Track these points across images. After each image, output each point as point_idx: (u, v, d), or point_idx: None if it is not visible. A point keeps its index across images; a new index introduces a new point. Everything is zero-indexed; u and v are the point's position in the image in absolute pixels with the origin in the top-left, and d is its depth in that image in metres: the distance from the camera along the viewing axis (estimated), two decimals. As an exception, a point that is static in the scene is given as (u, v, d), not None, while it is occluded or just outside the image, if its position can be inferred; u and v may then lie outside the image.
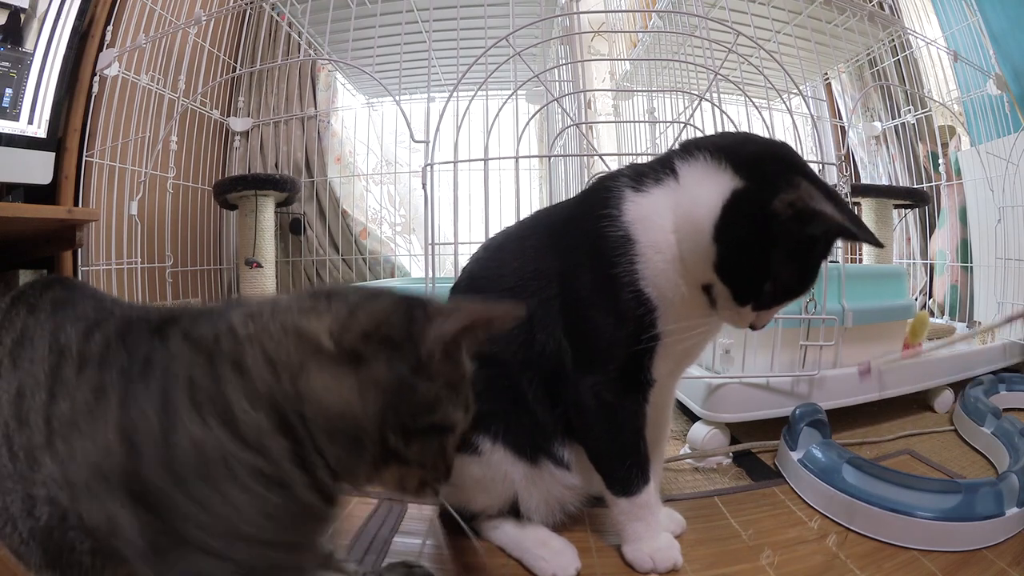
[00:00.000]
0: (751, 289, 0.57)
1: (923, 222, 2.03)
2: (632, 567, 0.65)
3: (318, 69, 2.37)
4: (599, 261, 0.61)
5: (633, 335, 0.61)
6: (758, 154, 0.57)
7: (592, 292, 0.62)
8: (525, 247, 0.69)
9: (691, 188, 0.58)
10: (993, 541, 0.68)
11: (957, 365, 1.27)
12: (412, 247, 2.45)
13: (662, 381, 0.65)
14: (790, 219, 0.54)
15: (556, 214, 0.71)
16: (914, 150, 2.04)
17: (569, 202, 0.73)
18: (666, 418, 0.74)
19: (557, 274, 0.65)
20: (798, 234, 0.54)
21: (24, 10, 1.39)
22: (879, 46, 1.83)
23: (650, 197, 0.61)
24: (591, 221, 0.62)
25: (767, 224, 0.54)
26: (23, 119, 1.41)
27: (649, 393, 0.65)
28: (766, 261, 0.55)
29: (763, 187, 0.55)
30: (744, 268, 0.57)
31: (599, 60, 2.16)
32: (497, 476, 0.67)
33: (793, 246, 0.55)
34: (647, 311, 0.60)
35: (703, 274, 0.58)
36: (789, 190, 0.53)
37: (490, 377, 0.67)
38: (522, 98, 1.74)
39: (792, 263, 0.56)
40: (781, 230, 0.54)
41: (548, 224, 0.70)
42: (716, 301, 0.59)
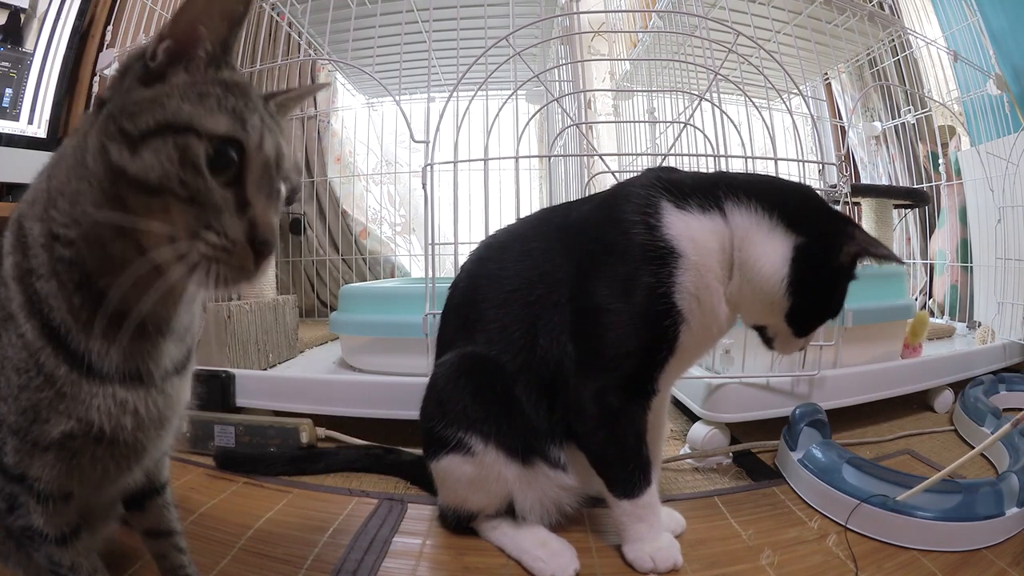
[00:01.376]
0: (810, 325, 0.65)
1: (923, 222, 2.03)
2: (632, 567, 0.65)
3: (318, 69, 2.37)
4: (629, 268, 0.61)
5: (652, 343, 0.62)
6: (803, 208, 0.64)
7: (613, 297, 0.61)
8: (531, 248, 0.69)
9: (750, 239, 0.62)
10: (993, 541, 0.68)
11: (957, 365, 1.27)
12: (412, 247, 2.45)
13: (663, 387, 0.66)
14: (849, 263, 0.63)
15: (568, 216, 0.71)
16: (914, 150, 2.04)
17: (582, 204, 0.72)
18: (663, 419, 0.75)
19: (568, 277, 0.65)
20: (852, 272, 0.64)
21: (24, 10, 1.39)
22: (879, 46, 1.83)
23: (698, 220, 0.62)
24: (621, 226, 0.62)
25: (832, 273, 0.63)
26: (23, 119, 1.41)
27: (652, 401, 0.65)
28: (825, 308, 0.65)
29: (826, 243, 0.63)
30: (809, 310, 0.64)
31: (599, 60, 2.16)
32: (490, 476, 0.67)
33: (845, 281, 0.65)
34: (674, 323, 0.61)
35: (763, 318, 0.65)
36: (850, 242, 0.62)
37: (482, 380, 0.67)
38: (522, 98, 1.74)
39: (841, 294, 0.65)
40: (841, 274, 0.64)
41: (559, 226, 0.70)
42: (772, 339, 0.67)
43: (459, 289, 0.75)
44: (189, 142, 0.33)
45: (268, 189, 0.37)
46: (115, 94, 0.36)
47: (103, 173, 0.34)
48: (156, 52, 0.35)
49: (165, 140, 0.33)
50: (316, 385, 1.10)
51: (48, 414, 0.37)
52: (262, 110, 0.37)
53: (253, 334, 1.31)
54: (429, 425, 0.69)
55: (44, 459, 0.38)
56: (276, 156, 0.37)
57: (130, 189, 0.34)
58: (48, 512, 0.40)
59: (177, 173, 0.33)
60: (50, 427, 0.37)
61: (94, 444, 0.39)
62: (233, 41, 0.37)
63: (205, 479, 0.90)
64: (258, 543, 0.70)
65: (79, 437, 0.38)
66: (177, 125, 0.34)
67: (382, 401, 1.04)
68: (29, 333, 0.36)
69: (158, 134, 0.33)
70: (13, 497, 0.40)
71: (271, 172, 0.37)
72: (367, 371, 1.25)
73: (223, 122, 0.34)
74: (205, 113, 0.34)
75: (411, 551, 0.70)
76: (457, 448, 0.67)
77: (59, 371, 0.37)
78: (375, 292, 1.43)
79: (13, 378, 0.37)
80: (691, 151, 1.22)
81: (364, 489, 0.87)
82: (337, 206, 2.35)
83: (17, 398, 0.37)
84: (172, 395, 0.41)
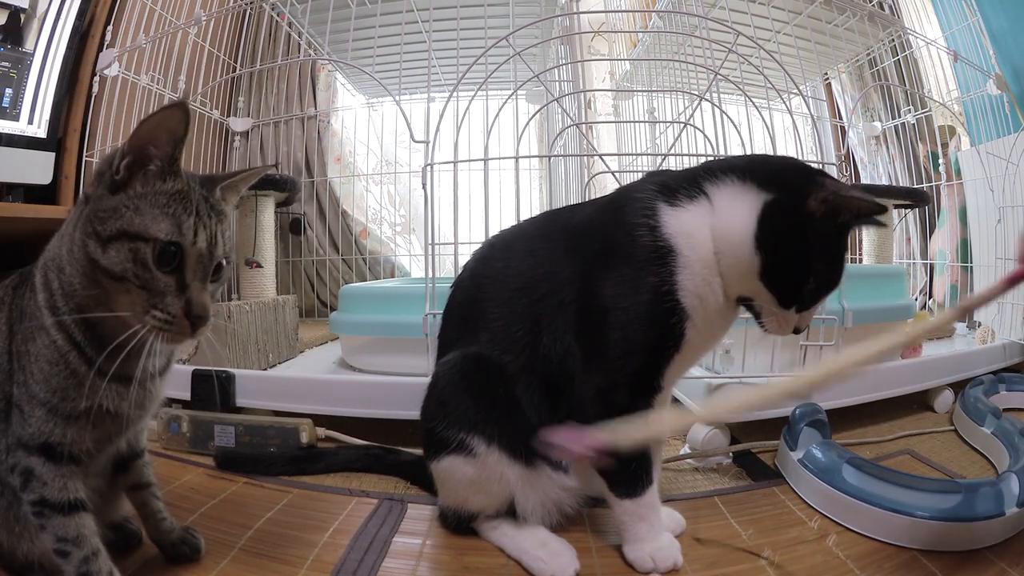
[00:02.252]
0: (795, 290, 0.61)
1: (923, 222, 2.03)
2: (633, 567, 0.65)
3: (318, 69, 2.37)
4: (633, 268, 0.62)
5: (658, 342, 0.62)
6: (777, 168, 0.63)
7: (618, 298, 0.62)
8: (535, 248, 0.69)
9: (725, 208, 0.62)
10: (993, 541, 0.68)
11: (957, 365, 1.27)
12: (412, 247, 2.45)
13: (667, 384, 0.66)
14: (824, 215, 0.59)
15: (572, 217, 0.71)
16: (914, 150, 2.04)
17: (587, 206, 0.72)
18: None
19: (573, 278, 0.65)
20: (831, 227, 0.59)
21: (24, 10, 1.39)
22: (879, 46, 1.83)
23: (688, 213, 0.63)
24: (624, 229, 0.63)
25: (803, 226, 0.59)
26: (23, 119, 1.41)
27: (655, 399, 0.65)
28: (806, 260, 0.60)
29: (792, 193, 0.60)
30: (787, 271, 0.60)
31: (599, 60, 2.16)
32: (492, 477, 0.67)
33: (827, 240, 0.60)
34: (679, 320, 0.61)
35: (745, 286, 0.62)
36: (818, 190, 0.59)
37: (485, 381, 0.67)
38: (522, 98, 1.74)
39: (827, 257, 0.60)
40: (816, 228, 0.59)
41: (564, 227, 0.70)
42: (760, 311, 0.63)
43: (462, 287, 0.75)
44: (139, 246, 0.46)
45: (202, 273, 0.48)
46: (92, 195, 0.48)
47: (84, 261, 0.47)
48: (119, 167, 0.47)
49: (123, 244, 0.46)
50: (316, 385, 1.10)
51: (74, 394, 0.49)
52: (200, 208, 0.49)
53: (253, 334, 1.31)
54: (430, 425, 0.69)
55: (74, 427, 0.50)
56: (208, 247, 0.48)
57: (102, 275, 0.46)
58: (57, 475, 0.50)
59: (132, 268, 0.46)
60: (76, 403, 0.50)
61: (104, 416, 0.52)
62: (178, 154, 0.48)
63: (205, 479, 0.90)
64: (258, 543, 0.70)
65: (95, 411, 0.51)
66: (131, 233, 0.46)
67: (382, 401, 1.04)
68: (59, 341, 0.49)
69: (119, 238, 0.46)
70: (29, 471, 0.49)
71: (203, 260, 0.48)
72: (367, 371, 1.25)
73: (164, 228, 0.46)
74: (151, 223, 0.46)
75: (411, 551, 0.70)
76: (459, 449, 0.67)
77: (81, 368, 0.50)
78: (375, 292, 1.43)
79: (45, 367, 0.49)
80: (691, 151, 1.22)
81: (364, 489, 0.87)
82: (337, 206, 2.35)
83: (48, 381, 0.49)
84: (152, 390, 0.55)
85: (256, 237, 1.83)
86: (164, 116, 0.46)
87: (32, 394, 0.49)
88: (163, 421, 1.03)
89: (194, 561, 0.64)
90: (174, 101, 0.46)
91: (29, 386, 0.50)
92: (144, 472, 0.63)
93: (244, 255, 1.85)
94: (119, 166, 0.47)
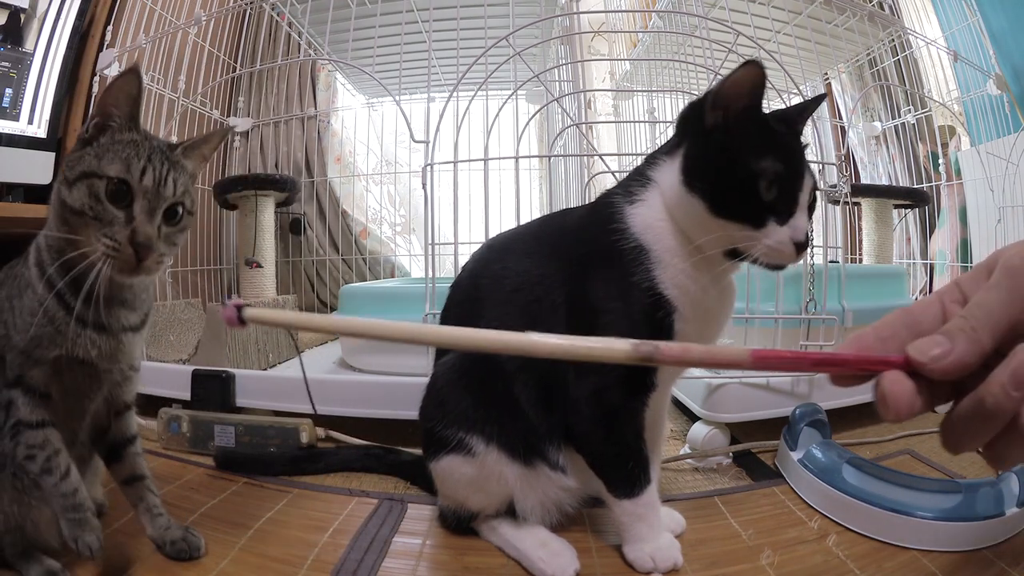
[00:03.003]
0: (753, 203, 0.57)
1: (923, 222, 2.03)
2: (633, 567, 0.65)
3: (318, 69, 2.37)
4: (615, 272, 0.62)
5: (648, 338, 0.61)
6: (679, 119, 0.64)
7: (607, 299, 0.62)
8: (532, 251, 0.70)
9: (665, 181, 0.63)
10: (993, 541, 0.68)
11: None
12: (412, 247, 2.45)
13: (663, 385, 0.66)
14: (730, 122, 0.58)
15: (563, 224, 0.72)
16: (914, 150, 2.04)
17: (575, 213, 0.73)
18: (663, 418, 0.75)
19: (563, 281, 0.66)
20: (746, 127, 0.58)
21: (24, 10, 1.39)
22: (879, 46, 1.83)
23: (645, 205, 0.64)
24: (602, 235, 0.64)
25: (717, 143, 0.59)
26: (23, 119, 1.41)
27: (650, 397, 0.65)
28: (745, 171, 0.57)
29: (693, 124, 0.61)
30: (731, 190, 0.58)
31: (599, 60, 2.16)
32: (491, 476, 0.67)
33: (744, 138, 0.58)
34: (666, 313, 0.61)
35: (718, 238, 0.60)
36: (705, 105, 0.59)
37: (483, 380, 0.67)
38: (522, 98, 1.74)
39: (759, 151, 0.57)
40: (728, 135, 0.58)
41: (556, 230, 0.71)
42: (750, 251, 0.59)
43: (461, 288, 0.75)
44: (94, 182, 0.54)
45: (148, 209, 0.55)
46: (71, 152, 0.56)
47: (58, 205, 0.55)
48: (89, 127, 0.56)
49: (83, 182, 0.54)
50: (316, 385, 1.10)
51: (47, 343, 0.56)
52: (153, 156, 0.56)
53: (253, 334, 1.31)
54: (429, 425, 0.69)
55: (40, 369, 0.57)
56: (155, 186, 0.55)
57: (68, 212, 0.54)
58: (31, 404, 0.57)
59: (89, 202, 0.53)
60: (47, 352, 0.56)
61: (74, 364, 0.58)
62: (136, 112, 0.57)
63: (205, 479, 0.90)
64: (258, 543, 0.70)
65: (64, 359, 0.57)
66: (89, 172, 0.54)
67: (382, 401, 1.04)
68: (41, 290, 0.56)
69: (81, 179, 0.54)
70: (10, 402, 0.57)
71: (149, 197, 0.55)
72: (367, 371, 1.25)
73: (115, 168, 0.54)
74: (106, 164, 0.54)
75: (411, 551, 0.70)
76: (458, 448, 0.67)
77: (59, 314, 0.56)
78: (375, 292, 1.43)
79: (27, 318, 0.56)
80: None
81: (364, 489, 0.87)
82: (337, 206, 2.36)
83: (28, 331, 0.56)
84: (126, 343, 0.60)
85: (256, 237, 1.83)
86: (122, 81, 0.55)
87: (13, 344, 0.57)
88: (163, 421, 1.03)
89: (194, 559, 0.65)
90: (128, 68, 0.55)
91: (11, 337, 0.57)
92: (138, 463, 0.66)
93: (244, 255, 1.85)
94: (89, 125, 0.56)
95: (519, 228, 0.78)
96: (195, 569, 0.64)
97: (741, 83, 0.57)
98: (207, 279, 2.07)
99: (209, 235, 2.09)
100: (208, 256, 2.09)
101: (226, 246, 2.21)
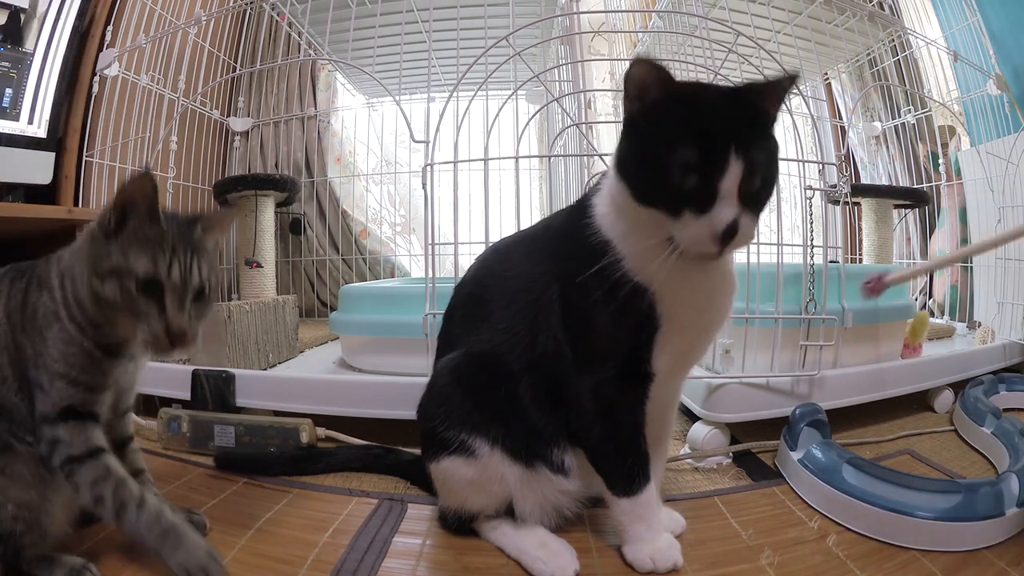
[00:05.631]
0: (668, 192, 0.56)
1: (923, 222, 2.03)
2: (632, 567, 0.65)
3: (318, 69, 2.37)
4: (591, 267, 0.63)
5: (635, 327, 0.62)
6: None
7: (590, 294, 0.63)
8: (532, 252, 0.71)
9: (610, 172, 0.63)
10: (993, 541, 0.68)
11: (957, 365, 1.27)
12: (412, 247, 2.45)
13: (664, 378, 0.66)
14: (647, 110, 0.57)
15: (556, 223, 0.73)
16: (914, 150, 2.04)
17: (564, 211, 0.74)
18: (669, 419, 0.75)
19: (555, 277, 0.66)
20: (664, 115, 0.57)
21: (24, 10, 1.39)
22: (879, 46, 1.83)
23: (601, 195, 0.65)
24: (577, 231, 0.65)
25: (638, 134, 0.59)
26: (23, 119, 1.41)
27: (649, 389, 0.65)
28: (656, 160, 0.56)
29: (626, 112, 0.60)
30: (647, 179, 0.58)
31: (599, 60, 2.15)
32: (493, 478, 0.67)
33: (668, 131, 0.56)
34: (645, 299, 0.61)
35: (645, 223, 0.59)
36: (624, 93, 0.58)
37: (487, 381, 0.67)
38: (522, 98, 1.74)
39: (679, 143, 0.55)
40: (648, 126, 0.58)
41: (549, 230, 0.72)
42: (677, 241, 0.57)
43: (465, 288, 0.75)
44: (125, 280, 0.58)
45: (178, 300, 0.59)
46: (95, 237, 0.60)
47: (88, 287, 0.60)
48: (111, 220, 0.59)
49: (114, 278, 0.58)
50: (316, 385, 1.10)
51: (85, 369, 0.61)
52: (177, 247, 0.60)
53: (253, 334, 1.31)
54: (430, 426, 0.69)
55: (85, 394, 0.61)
56: (182, 279, 0.59)
57: (102, 302, 0.59)
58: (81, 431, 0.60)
59: (122, 297, 0.58)
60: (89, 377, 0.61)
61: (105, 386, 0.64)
62: (155, 209, 0.59)
63: (205, 479, 0.90)
64: (258, 543, 0.70)
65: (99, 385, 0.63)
66: (120, 270, 0.58)
67: (382, 401, 1.04)
68: (72, 331, 0.61)
69: (112, 275, 0.58)
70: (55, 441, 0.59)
71: (178, 289, 0.59)
72: (367, 371, 1.25)
73: (143, 264, 0.58)
74: (134, 262, 0.58)
75: (411, 551, 0.70)
76: (459, 450, 0.67)
77: (96, 352, 0.62)
78: (375, 292, 1.43)
79: (62, 347, 0.60)
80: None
81: (364, 489, 0.87)
82: (337, 206, 2.35)
83: (66, 359, 0.60)
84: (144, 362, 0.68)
85: (256, 237, 1.83)
86: (136, 186, 0.58)
87: (52, 371, 0.60)
88: (163, 421, 1.03)
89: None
90: (141, 172, 0.58)
91: (48, 365, 0.60)
92: (137, 458, 0.71)
93: (244, 255, 1.85)
94: (110, 219, 0.60)
95: (523, 231, 0.78)
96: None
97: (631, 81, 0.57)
98: (207, 279, 2.06)
99: (209, 235, 2.08)
100: (208, 256, 2.09)
101: (226, 246, 2.21)
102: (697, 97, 0.58)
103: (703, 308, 0.64)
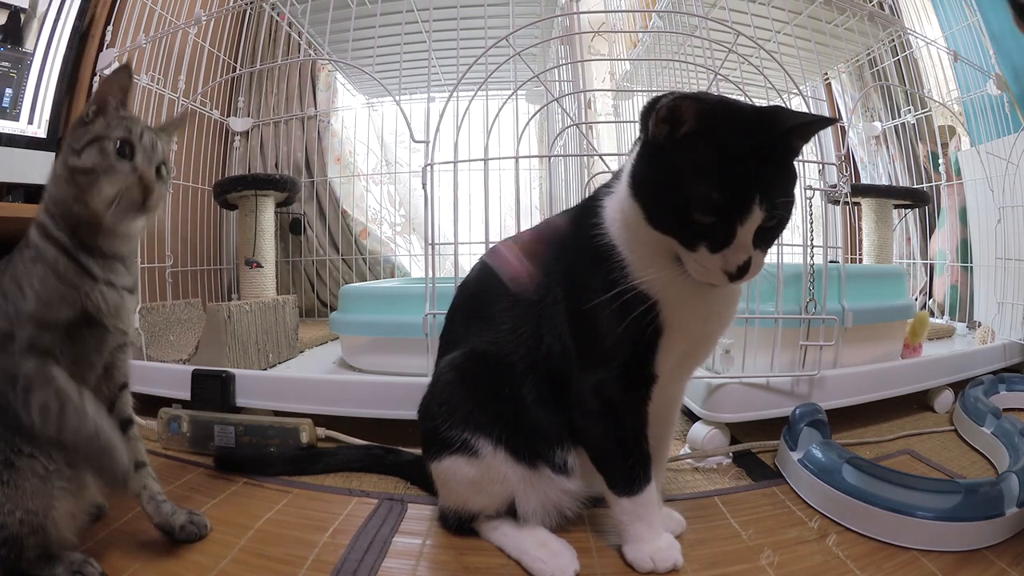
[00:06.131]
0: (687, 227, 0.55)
1: (923, 222, 2.03)
2: (632, 567, 0.65)
3: (318, 69, 2.37)
4: (597, 268, 0.63)
5: (639, 330, 0.62)
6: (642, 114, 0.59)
7: (597, 294, 0.62)
8: (534, 252, 0.70)
9: (624, 181, 0.62)
10: (993, 541, 0.68)
11: (957, 365, 1.27)
12: (412, 247, 2.45)
13: (666, 379, 0.66)
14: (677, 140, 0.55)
15: (560, 223, 0.73)
16: (914, 150, 2.04)
17: (570, 211, 0.74)
18: (671, 419, 0.75)
19: (560, 278, 0.66)
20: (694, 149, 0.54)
21: (24, 10, 1.39)
22: (879, 46, 1.83)
23: (613, 199, 0.64)
24: (584, 231, 0.65)
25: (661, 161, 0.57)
26: (23, 119, 1.41)
27: (652, 390, 0.65)
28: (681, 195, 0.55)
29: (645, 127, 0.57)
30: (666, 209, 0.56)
31: (599, 60, 2.15)
32: (495, 478, 0.67)
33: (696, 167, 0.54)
34: (648, 305, 0.61)
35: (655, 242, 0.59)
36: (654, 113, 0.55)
37: (491, 381, 0.67)
38: (522, 98, 1.74)
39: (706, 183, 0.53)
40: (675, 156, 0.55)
41: (554, 229, 0.72)
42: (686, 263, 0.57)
43: (468, 288, 0.75)
44: (104, 143, 0.63)
45: (147, 159, 0.65)
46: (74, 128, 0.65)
47: (64, 171, 0.63)
48: (89, 113, 0.65)
49: (93, 146, 0.63)
50: (316, 385, 1.10)
51: (59, 303, 0.61)
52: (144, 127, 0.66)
53: (253, 334, 1.31)
54: (432, 425, 0.69)
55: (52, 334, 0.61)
56: (151, 143, 0.66)
57: (78, 174, 0.62)
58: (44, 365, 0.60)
59: (100, 160, 0.62)
60: (59, 313, 0.61)
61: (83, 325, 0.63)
62: (128, 98, 0.67)
63: (205, 479, 0.90)
64: (258, 543, 0.70)
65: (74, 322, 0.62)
66: (99, 137, 0.63)
67: (382, 401, 1.04)
68: (49, 252, 0.62)
69: (92, 143, 0.63)
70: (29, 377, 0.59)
71: (147, 150, 0.65)
72: (367, 371, 1.25)
73: (120, 131, 0.64)
74: (112, 129, 0.64)
75: (411, 551, 0.70)
76: (462, 449, 0.67)
77: (70, 271, 0.62)
78: (375, 292, 1.43)
79: (36, 285, 0.61)
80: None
81: (364, 489, 0.87)
82: (337, 206, 2.35)
83: (38, 296, 0.61)
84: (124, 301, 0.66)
85: (256, 237, 1.83)
86: (116, 77, 0.66)
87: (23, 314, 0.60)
88: (163, 421, 1.03)
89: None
90: (121, 65, 0.66)
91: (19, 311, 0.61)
92: (139, 447, 0.70)
93: (244, 255, 1.85)
94: (89, 112, 0.65)
95: (526, 231, 0.78)
96: (196, 569, 0.64)
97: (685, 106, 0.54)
98: (207, 279, 2.07)
99: (209, 235, 2.09)
100: (208, 256, 2.09)
101: (226, 246, 2.21)
102: (730, 135, 0.54)
103: (707, 317, 0.64)
